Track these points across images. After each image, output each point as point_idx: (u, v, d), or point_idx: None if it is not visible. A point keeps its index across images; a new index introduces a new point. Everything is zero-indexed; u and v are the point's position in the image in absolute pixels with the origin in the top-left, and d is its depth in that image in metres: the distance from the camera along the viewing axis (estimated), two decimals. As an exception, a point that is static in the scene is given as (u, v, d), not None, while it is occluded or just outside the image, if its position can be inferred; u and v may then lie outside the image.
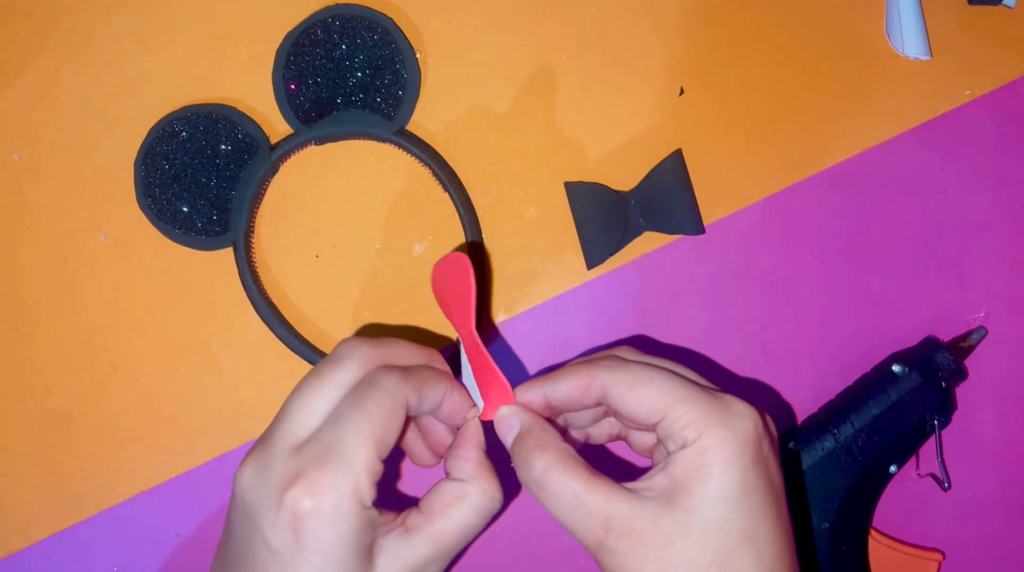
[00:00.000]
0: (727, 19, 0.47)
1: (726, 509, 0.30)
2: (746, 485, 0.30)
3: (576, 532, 0.31)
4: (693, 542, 0.29)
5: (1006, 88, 0.48)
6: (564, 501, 0.31)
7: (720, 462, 0.30)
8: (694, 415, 0.30)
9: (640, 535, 0.30)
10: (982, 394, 0.48)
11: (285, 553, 0.29)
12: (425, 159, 0.45)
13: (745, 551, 0.30)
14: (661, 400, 0.31)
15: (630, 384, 0.32)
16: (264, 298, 0.45)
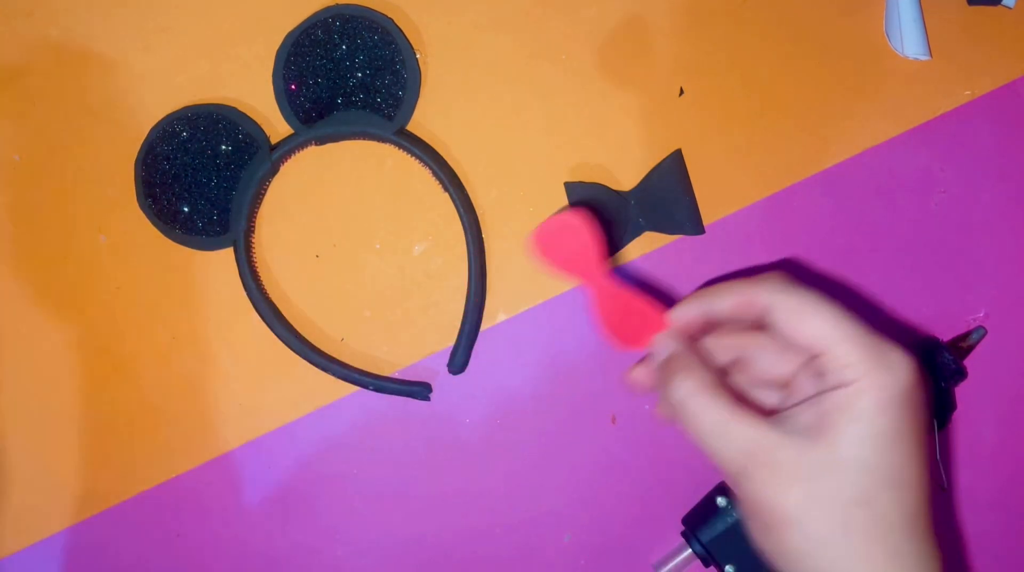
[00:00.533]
0: (727, 19, 0.47)
1: (873, 452, 0.30)
2: (895, 431, 0.30)
3: (718, 457, 0.32)
4: (837, 479, 0.30)
5: (1006, 88, 0.48)
6: (708, 425, 0.32)
7: (873, 407, 0.30)
8: (856, 357, 0.31)
9: (783, 466, 0.30)
10: (982, 394, 0.48)
11: None
12: (425, 159, 0.45)
13: (888, 493, 0.30)
14: (826, 333, 0.31)
15: (797, 310, 0.32)
16: (264, 298, 0.45)
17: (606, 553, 0.48)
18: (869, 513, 0.30)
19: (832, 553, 0.30)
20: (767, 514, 0.31)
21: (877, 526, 0.30)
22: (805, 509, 0.30)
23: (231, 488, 0.46)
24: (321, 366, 0.45)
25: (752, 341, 0.36)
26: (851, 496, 0.30)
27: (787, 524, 0.30)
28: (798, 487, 0.30)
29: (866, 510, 0.30)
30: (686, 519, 0.46)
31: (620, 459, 0.47)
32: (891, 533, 0.30)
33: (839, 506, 0.30)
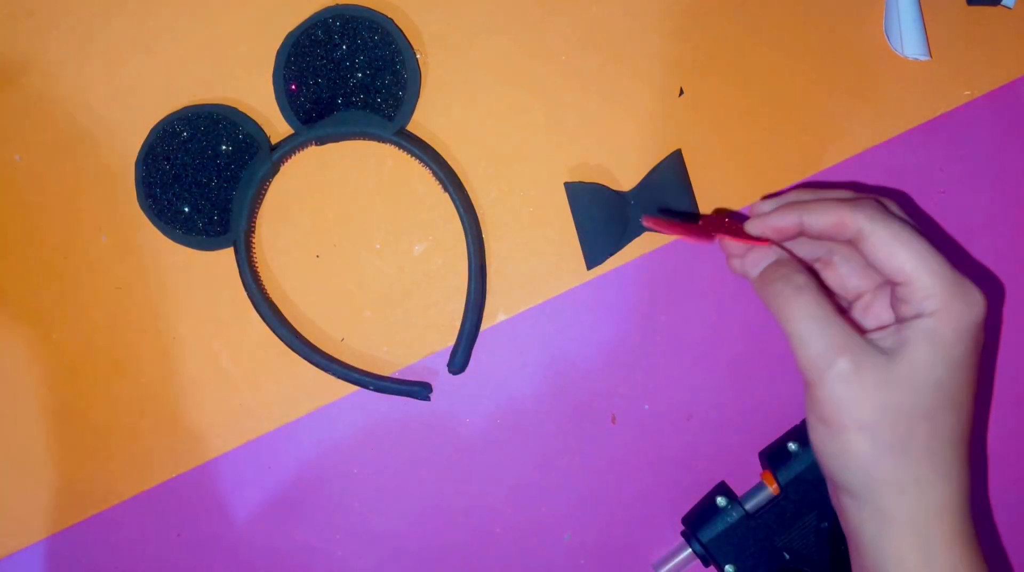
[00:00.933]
0: (727, 19, 0.47)
1: (944, 374, 0.33)
2: (964, 358, 0.33)
3: (809, 350, 0.34)
4: (910, 393, 0.33)
5: (1006, 88, 0.48)
6: (808, 320, 0.34)
7: (951, 334, 0.33)
8: (938, 289, 0.33)
9: (867, 372, 0.33)
10: (982, 394, 0.48)
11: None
12: (425, 159, 0.45)
13: (950, 412, 0.33)
14: (913, 264, 0.34)
15: (890, 238, 0.34)
16: (264, 298, 0.45)
17: (606, 553, 0.48)
18: (930, 428, 0.33)
19: (892, 460, 0.33)
20: (842, 416, 0.33)
21: (934, 440, 0.33)
22: (879, 416, 0.33)
23: (231, 488, 0.46)
24: (321, 366, 0.45)
25: (836, 251, 0.38)
26: (919, 411, 0.33)
27: (858, 428, 0.33)
28: (875, 395, 0.33)
29: (929, 425, 0.33)
30: (686, 519, 0.46)
31: (620, 459, 0.47)
32: (943, 448, 0.34)
33: (907, 419, 0.33)
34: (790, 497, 0.44)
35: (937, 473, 0.33)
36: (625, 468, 0.47)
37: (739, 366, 0.47)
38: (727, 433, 0.48)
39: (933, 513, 0.33)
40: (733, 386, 0.47)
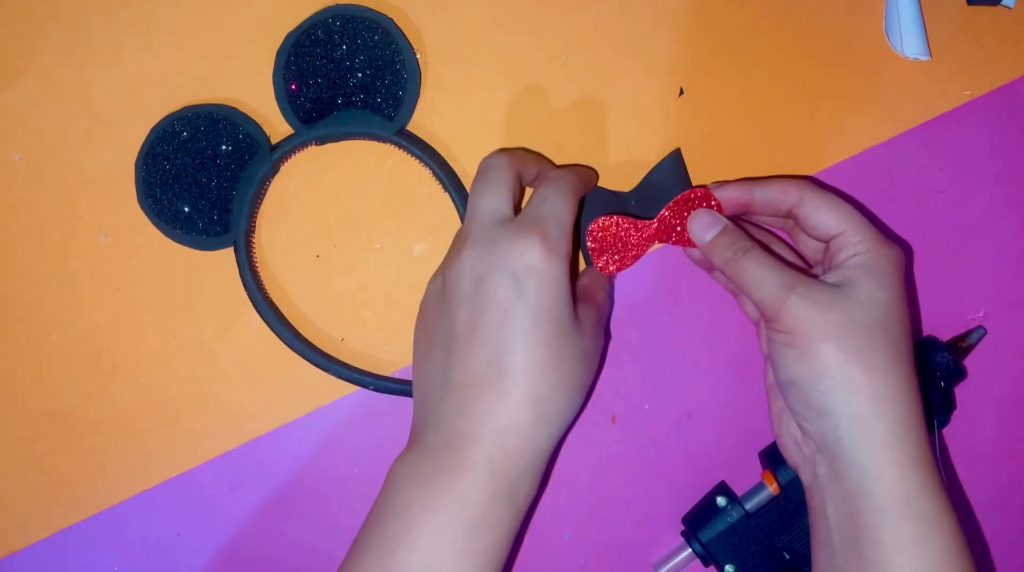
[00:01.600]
0: (727, 19, 0.47)
1: (886, 296, 0.38)
2: (899, 284, 0.39)
3: (763, 294, 0.38)
4: (862, 311, 0.37)
5: (1005, 88, 0.48)
6: (757, 271, 0.39)
7: (885, 265, 0.38)
8: (869, 235, 0.39)
9: (820, 297, 0.37)
10: (981, 394, 0.48)
11: (519, 298, 0.38)
12: (425, 159, 0.45)
13: (899, 326, 0.38)
14: (847, 220, 0.39)
15: (825, 202, 0.40)
16: (264, 298, 0.45)
17: (606, 553, 0.48)
18: (886, 338, 0.37)
19: (861, 367, 0.36)
20: (806, 333, 0.37)
21: (890, 348, 0.37)
22: (840, 329, 0.37)
23: (231, 488, 0.46)
24: (321, 366, 0.45)
25: (770, 240, 0.44)
26: (874, 324, 0.37)
27: (825, 341, 0.36)
28: (833, 311, 0.37)
29: (884, 336, 0.37)
30: (686, 519, 0.46)
31: (620, 459, 0.47)
32: (902, 363, 0.37)
33: (865, 330, 0.37)
34: (790, 497, 0.44)
35: (901, 387, 0.37)
36: (625, 468, 0.47)
37: (739, 366, 0.47)
38: (727, 433, 0.48)
39: (905, 425, 0.36)
40: (733, 386, 0.48)
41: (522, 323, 0.37)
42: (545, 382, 0.37)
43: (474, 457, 0.36)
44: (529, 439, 0.37)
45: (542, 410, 0.37)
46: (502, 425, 0.37)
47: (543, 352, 0.37)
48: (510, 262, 0.37)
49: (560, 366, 0.37)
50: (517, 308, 0.37)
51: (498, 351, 0.37)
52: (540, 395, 0.37)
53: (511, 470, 0.37)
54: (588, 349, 0.39)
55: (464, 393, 0.37)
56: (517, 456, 0.37)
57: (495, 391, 0.37)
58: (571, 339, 0.38)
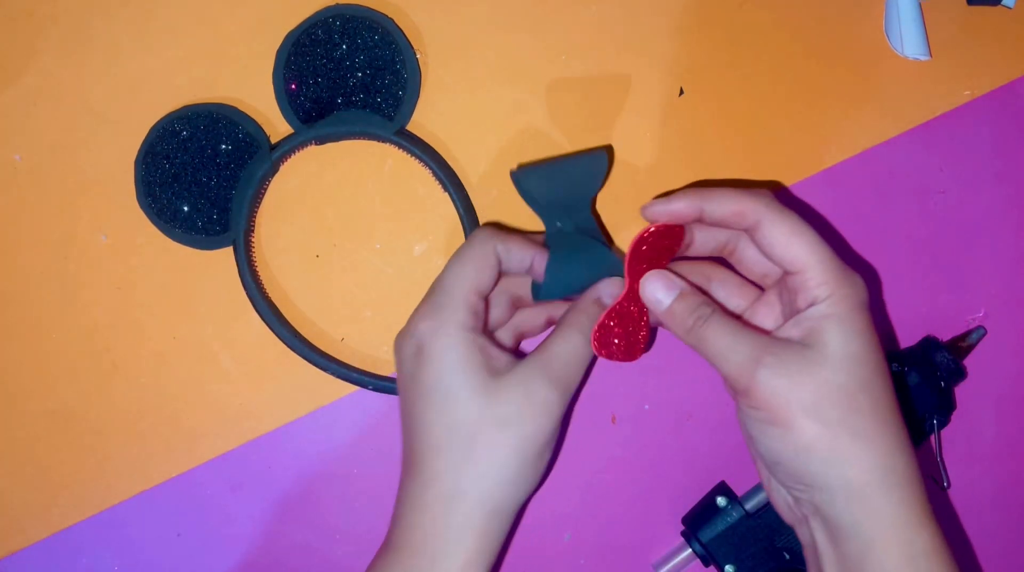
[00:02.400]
0: (727, 19, 0.47)
1: (860, 347, 0.35)
2: (868, 330, 0.35)
3: (729, 368, 0.35)
4: (839, 371, 0.34)
5: (1006, 88, 0.48)
6: (725, 333, 0.36)
7: (849, 311, 0.35)
8: (828, 276, 0.35)
9: (791, 364, 0.34)
10: (981, 394, 0.48)
11: (415, 369, 0.38)
12: (425, 159, 0.45)
13: (881, 379, 0.35)
14: (807, 256, 0.36)
15: (788, 231, 0.36)
16: (264, 298, 0.45)
17: (606, 553, 0.48)
18: (869, 397, 0.34)
19: (847, 437, 0.34)
20: (782, 410, 0.34)
21: (877, 407, 0.34)
22: (818, 399, 0.34)
23: (231, 488, 0.46)
24: (321, 366, 0.45)
25: (713, 272, 0.40)
26: (853, 384, 0.34)
27: (804, 413, 0.34)
28: (808, 380, 0.34)
29: (866, 394, 0.34)
30: (686, 519, 0.46)
31: (620, 459, 0.47)
32: (887, 413, 0.35)
33: (845, 394, 0.34)
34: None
35: (894, 448, 0.34)
36: (625, 468, 0.47)
37: (739, 366, 0.47)
38: (727, 433, 0.48)
39: (904, 488, 0.34)
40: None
41: (413, 397, 0.38)
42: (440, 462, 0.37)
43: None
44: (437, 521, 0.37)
45: (448, 495, 0.37)
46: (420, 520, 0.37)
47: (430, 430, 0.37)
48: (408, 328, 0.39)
49: (463, 443, 0.37)
50: (411, 380, 0.38)
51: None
52: (439, 477, 0.37)
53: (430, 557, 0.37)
54: (503, 415, 0.37)
55: (403, 477, 0.38)
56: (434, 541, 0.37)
57: (409, 476, 0.38)
58: (469, 408, 0.37)
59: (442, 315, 0.38)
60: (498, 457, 0.36)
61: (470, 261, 0.39)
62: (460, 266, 0.39)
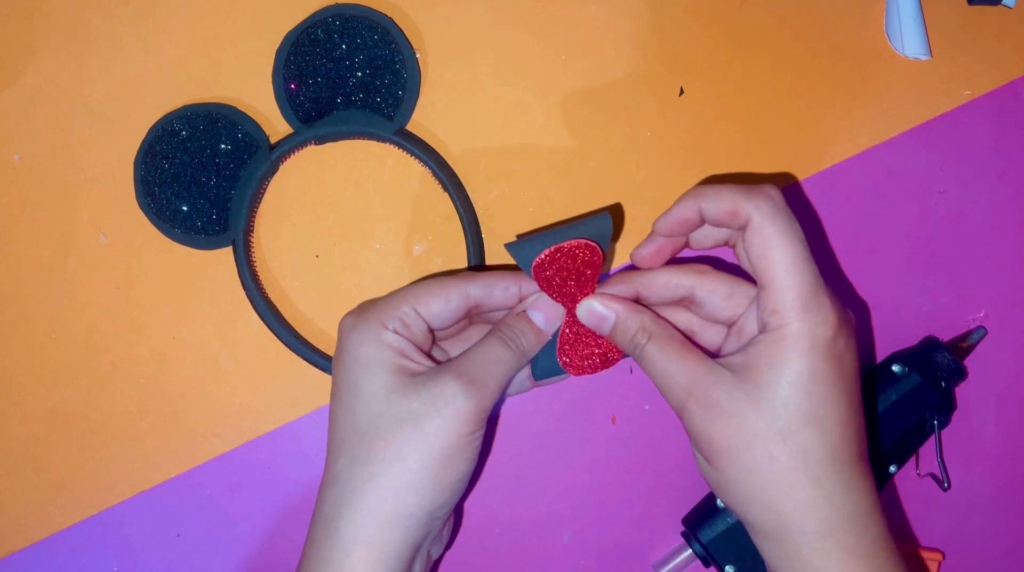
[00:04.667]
0: (727, 19, 0.47)
1: (793, 392, 0.33)
2: (815, 374, 0.33)
3: (665, 396, 0.35)
4: (761, 416, 0.33)
5: (1006, 88, 0.48)
6: (656, 369, 0.35)
7: (792, 352, 0.33)
8: (788, 303, 0.33)
9: (716, 403, 0.33)
10: (982, 394, 0.48)
11: (334, 365, 0.37)
12: (425, 159, 0.45)
13: (811, 430, 0.33)
14: (778, 270, 0.33)
15: (769, 239, 0.34)
16: (264, 298, 0.45)
17: (606, 553, 0.48)
18: (791, 446, 0.33)
19: (760, 480, 0.33)
20: (705, 446, 0.34)
21: (798, 458, 0.33)
22: (736, 442, 0.33)
23: (231, 488, 0.46)
24: (321, 366, 0.45)
25: (702, 282, 0.38)
26: (774, 430, 0.33)
27: (722, 455, 0.34)
28: (729, 422, 0.33)
29: (788, 443, 0.33)
30: (686, 519, 0.46)
31: (620, 459, 0.47)
32: (813, 464, 0.33)
33: (763, 439, 0.33)
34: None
35: (815, 491, 0.33)
36: (625, 468, 0.47)
37: (739, 366, 0.47)
38: (727, 433, 0.47)
39: (856, 531, 0.33)
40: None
41: (331, 393, 0.37)
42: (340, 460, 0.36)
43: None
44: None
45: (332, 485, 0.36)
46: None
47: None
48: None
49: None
50: (333, 375, 0.38)
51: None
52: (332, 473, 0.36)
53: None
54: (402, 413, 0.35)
55: None
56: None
57: (321, 481, 0.38)
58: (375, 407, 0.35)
59: (367, 313, 0.37)
60: (395, 457, 0.34)
61: (435, 286, 0.38)
62: (420, 286, 0.38)
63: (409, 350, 0.37)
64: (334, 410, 0.37)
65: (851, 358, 0.34)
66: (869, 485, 0.34)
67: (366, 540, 0.34)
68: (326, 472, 0.37)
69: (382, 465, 0.34)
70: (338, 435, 0.36)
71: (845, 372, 0.34)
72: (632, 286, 0.38)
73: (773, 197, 0.35)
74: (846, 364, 0.34)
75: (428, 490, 0.35)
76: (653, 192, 0.47)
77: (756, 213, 0.34)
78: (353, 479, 0.35)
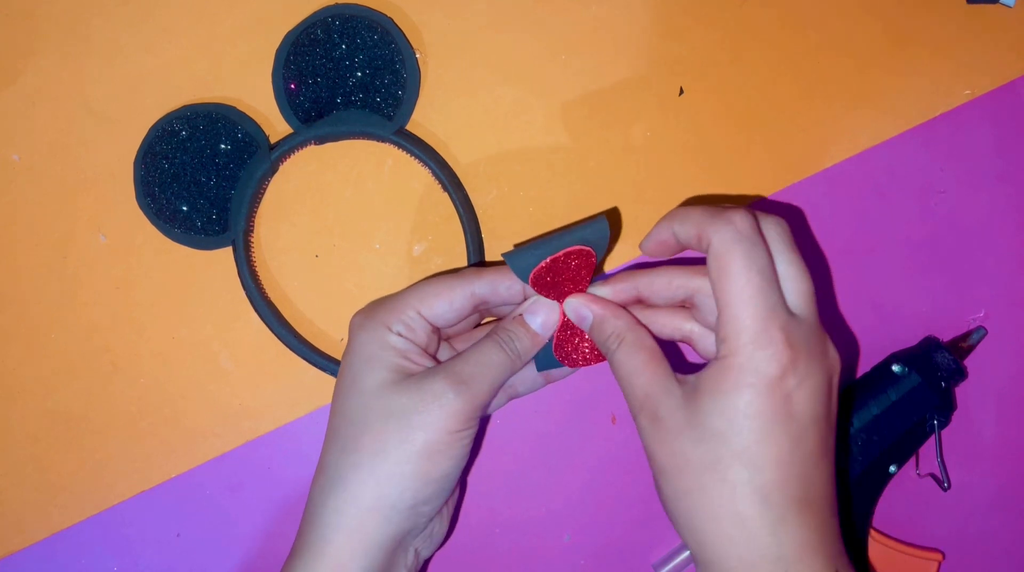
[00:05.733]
0: (727, 19, 0.47)
1: (727, 425, 0.32)
2: (752, 410, 0.32)
3: (630, 401, 0.36)
4: (696, 442, 0.33)
5: (1006, 88, 0.48)
6: (620, 375, 0.36)
7: (733, 384, 0.32)
8: (737, 334, 0.32)
9: (662, 420, 0.34)
10: (982, 394, 0.48)
11: (343, 357, 0.39)
12: (425, 159, 0.45)
13: (741, 466, 0.32)
14: (731, 299, 0.33)
15: (728, 264, 0.33)
16: (264, 298, 0.45)
17: (606, 553, 0.48)
18: (719, 479, 0.32)
19: (689, 506, 0.33)
20: (649, 460, 0.35)
21: (725, 492, 0.32)
22: (672, 463, 0.33)
23: (231, 488, 0.46)
24: (321, 366, 0.45)
25: (702, 285, 0.36)
26: (705, 461, 0.33)
27: (660, 473, 0.34)
28: (668, 443, 0.33)
29: (717, 476, 0.32)
30: (686, 519, 0.46)
31: (620, 459, 0.47)
32: (740, 501, 0.32)
33: (694, 468, 0.33)
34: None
35: (737, 528, 0.32)
36: (625, 468, 0.47)
37: (739, 366, 0.47)
38: (727, 433, 0.47)
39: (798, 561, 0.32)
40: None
41: (335, 385, 0.39)
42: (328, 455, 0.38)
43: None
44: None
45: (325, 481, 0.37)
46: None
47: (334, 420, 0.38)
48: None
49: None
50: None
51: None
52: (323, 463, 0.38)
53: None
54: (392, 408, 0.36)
55: None
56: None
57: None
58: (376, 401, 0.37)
59: (373, 315, 0.38)
60: (380, 448, 0.36)
61: (440, 287, 0.38)
62: (425, 287, 0.39)
63: (411, 352, 0.38)
64: (334, 402, 0.39)
65: (804, 399, 0.33)
66: (807, 531, 0.32)
67: (347, 527, 0.35)
68: (320, 461, 0.38)
69: (367, 456, 0.36)
70: (333, 425, 0.38)
71: (792, 413, 0.32)
72: (634, 284, 0.38)
73: (736, 222, 0.33)
74: (795, 405, 0.32)
75: (410, 482, 0.36)
76: (653, 192, 0.47)
77: (716, 238, 0.33)
78: (340, 468, 0.36)
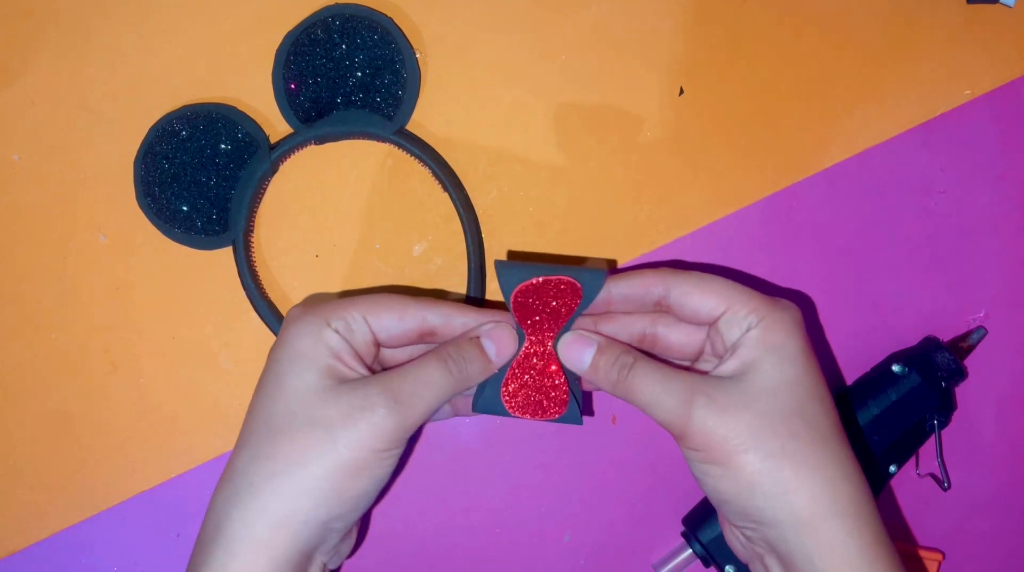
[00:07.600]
0: (727, 19, 0.47)
1: (793, 371, 0.34)
2: (804, 353, 0.35)
3: (664, 415, 0.35)
4: (775, 398, 0.34)
5: (1006, 88, 0.48)
6: (653, 380, 0.35)
7: (783, 335, 0.35)
8: (754, 304, 0.35)
9: (724, 400, 0.34)
10: (982, 394, 0.48)
11: (270, 350, 0.37)
12: (425, 159, 0.45)
13: (816, 404, 0.34)
14: (724, 295, 0.36)
15: (695, 283, 0.36)
16: (264, 298, 0.45)
17: (606, 553, 0.48)
18: (806, 423, 0.34)
19: (790, 467, 0.33)
20: (721, 447, 0.34)
21: (814, 432, 0.34)
22: (757, 429, 0.33)
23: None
24: (321, 366, 0.45)
25: (658, 320, 0.39)
26: (790, 409, 0.34)
27: (742, 449, 0.33)
28: (743, 413, 0.34)
29: (803, 420, 0.34)
30: (686, 519, 0.46)
31: (620, 459, 0.47)
32: (825, 439, 0.34)
33: (783, 419, 0.33)
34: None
35: (837, 472, 0.34)
36: (625, 468, 0.47)
37: (739, 366, 0.47)
38: (727, 433, 0.47)
39: (853, 514, 0.33)
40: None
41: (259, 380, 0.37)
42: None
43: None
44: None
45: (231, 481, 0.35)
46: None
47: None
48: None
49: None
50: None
51: None
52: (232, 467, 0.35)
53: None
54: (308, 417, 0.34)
55: None
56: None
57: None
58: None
59: (314, 307, 0.36)
60: (299, 459, 0.33)
61: (393, 301, 0.37)
62: (378, 297, 0.37)
63: (345, 354, 0.36)
64: (253, 400, 0.36)
65: (804, 334, 0.37)
66: (856, 460, 0.36)
67: (254, 540, 0.33)
68: (227, 465, 0.35)
69: (283, 465, 0.33)
70: (248, 427, 0.35)
71: (815, 356, 0.36)
72: (596, 318, 0.39)
73: (670, 267, 0.38)
74: (812, 350, 0.37)
75: (326, 498, 0.33)
76: (652, 192, 0.47)
77: (671, 276, 0.37)
78: (250, 475, 0.34)
